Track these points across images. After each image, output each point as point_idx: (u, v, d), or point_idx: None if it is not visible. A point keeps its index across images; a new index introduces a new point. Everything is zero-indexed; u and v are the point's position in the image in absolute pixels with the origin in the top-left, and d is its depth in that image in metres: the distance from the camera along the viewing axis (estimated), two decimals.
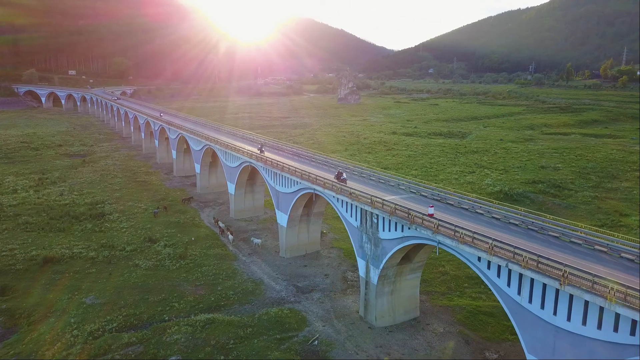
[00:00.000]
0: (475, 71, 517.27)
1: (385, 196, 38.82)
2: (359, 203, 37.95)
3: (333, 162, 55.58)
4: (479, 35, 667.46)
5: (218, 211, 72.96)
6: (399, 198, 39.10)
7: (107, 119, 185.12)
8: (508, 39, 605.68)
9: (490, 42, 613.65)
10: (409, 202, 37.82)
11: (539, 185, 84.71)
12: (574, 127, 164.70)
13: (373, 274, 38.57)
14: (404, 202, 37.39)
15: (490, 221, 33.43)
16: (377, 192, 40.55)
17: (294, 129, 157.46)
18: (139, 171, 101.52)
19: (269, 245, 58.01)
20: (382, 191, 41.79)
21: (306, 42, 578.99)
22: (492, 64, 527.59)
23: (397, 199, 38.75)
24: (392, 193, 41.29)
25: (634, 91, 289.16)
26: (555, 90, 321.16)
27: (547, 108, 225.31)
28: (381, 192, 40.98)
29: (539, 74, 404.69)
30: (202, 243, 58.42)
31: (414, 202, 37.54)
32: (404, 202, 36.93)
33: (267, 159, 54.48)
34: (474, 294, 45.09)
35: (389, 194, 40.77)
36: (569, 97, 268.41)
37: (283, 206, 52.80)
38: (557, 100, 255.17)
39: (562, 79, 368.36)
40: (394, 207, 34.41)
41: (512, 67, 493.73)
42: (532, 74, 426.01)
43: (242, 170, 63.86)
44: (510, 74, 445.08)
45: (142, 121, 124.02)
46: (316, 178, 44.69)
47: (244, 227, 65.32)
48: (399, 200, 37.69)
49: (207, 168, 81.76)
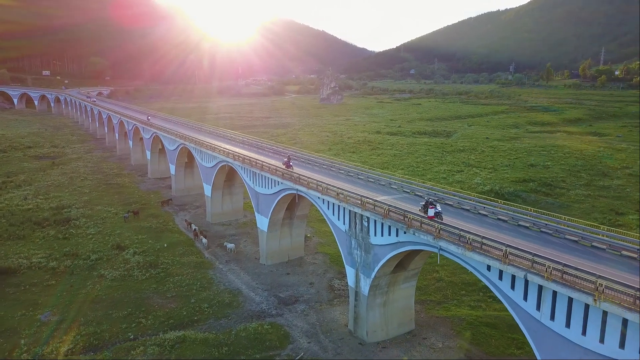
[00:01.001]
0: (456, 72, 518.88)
1: (376, 196, 34.85)
2: (347, 204, 33.88)
3: (317, 161, 51.41)
4: (459, 37, 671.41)
5: (194, 215, 68.16)
6: (391, 198, 35.17)
7: (82, 120, 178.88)
8: (488, 40, 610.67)
9: (470, 43, 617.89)
10: (403, 202, 33.88)
11: (529, 183, 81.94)
12: (558, 126, 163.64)
13: (364, 284, 34.52)
14: (398, 203, 33.44)
15: (496, 223, 29.67)
16: (367, 192, 36.55)
17: (276, 129, 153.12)
18: (111, 173, 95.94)
19: (248, 252, 53.53)
20: (372, 191, 37.81)
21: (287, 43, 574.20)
22: (473, 65, 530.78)
23: (390, 199, 34.83)
24: (383, 193, 37.34)
25: (613, 90, 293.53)
26: (536, 90, 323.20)
27: (530, 107, 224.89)
28: (371, 192, 37.00)
29: (519, 74, 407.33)
30: (176, 250, 53.66)
31: (408, 203, 33.61)
32: (398, 203, 32.97)
33: (245, 156, 50.04)
34: (472, 302, 41.39)
35: (380, 194, 36.80)
36: (550, 97, 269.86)
37: (263, 209, 48.45)
38: (539, 99, 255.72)
39: (543, 78, 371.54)
40: (387, 208, 30.42)
41: (492, 67, 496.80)
42: (513, 74, 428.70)
43: (219, 171, 59.27)
44: (490, 75, 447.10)
45: (116, 121, 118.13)
46: (299, 177, 40.52)
47: (221, 231, 60.68)
48: (392, 201, 33.74)
49: (183, 169, 76.83)
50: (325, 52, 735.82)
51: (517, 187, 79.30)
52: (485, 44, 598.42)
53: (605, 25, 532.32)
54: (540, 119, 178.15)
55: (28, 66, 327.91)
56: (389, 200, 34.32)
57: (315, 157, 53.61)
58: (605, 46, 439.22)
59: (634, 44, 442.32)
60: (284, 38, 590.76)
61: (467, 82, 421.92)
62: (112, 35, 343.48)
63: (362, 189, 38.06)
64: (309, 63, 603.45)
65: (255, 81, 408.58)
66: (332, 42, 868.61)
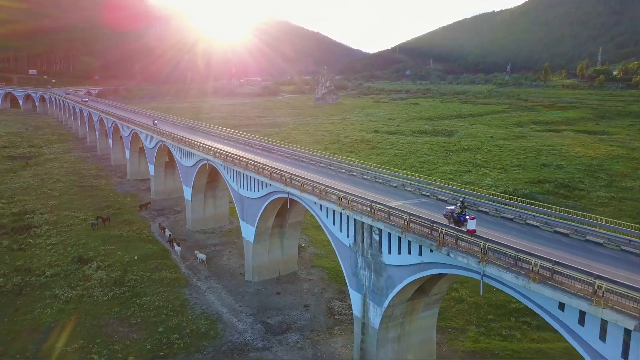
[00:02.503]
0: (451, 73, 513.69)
1: (389, 201, 27.24)
2: (352, 212, 26.28)
3: (314, 158, 43.74)
4: (455, 37, 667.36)
5: (174, 221, 60.30)
6: (409, 204, 27.60)
7: (65, 119, 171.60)
8: (483, 41, 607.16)
9: (465, 43, 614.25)
10: (424, 209, 26.31)
11: (545, 185, 74.86)
12: (562, 125, 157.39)
13: (373, 314, 26.90)
14: (419, 210, 25.87)
15: (554, 238, 22.16)
16: (376, 196, 28.95)
17: (269, 128, 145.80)
18: (87, 175, 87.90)
19: (232, 266, 45.71)
20: (382, 194, 30.23)
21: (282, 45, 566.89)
22: (469, 66, 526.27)
23: (407, 205, 27.24)
24: (397, 197, 29.74)
25: (612, 90, 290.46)
26: (534, 90, 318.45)
27: (531, 106, 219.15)
28: (382, 196, 29.40)
29: (517, 74, 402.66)
30: (147, 263, 45.77)
31: (432, 210, 26.03)
32: (420, 211, 25.39)
33: (227, 153, 42.28)
34: (503, 330, 33.83)
35: (393, 198, 29.21)
36: (549, 96, 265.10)
37: (249, 215, 40.75)
38: (539, 99, 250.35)
39: (540, 79, 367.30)
40: (408, 218, 22.82)
41: (488, 68, 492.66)
42: (510, 74, 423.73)
43: (200, 171, 51.49)
44: (487, 75, 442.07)
45: (96, 118, 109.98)
46: (291, 177, 32.87)
47: (202, 240, 52.83)
48: (411, 208, 26.16)
49: (163, 169, 68.91)
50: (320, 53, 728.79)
51: (533, 189, 72.11)
52: (481, 44, 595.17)
53: (601, 26, 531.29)
54: (543, 118, 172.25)
55: (14, 65, 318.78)
56: (406, 206, 26.75)
57: (310, 153, 45.95)
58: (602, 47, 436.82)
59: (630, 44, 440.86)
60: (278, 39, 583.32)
61: (463, 83, 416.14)
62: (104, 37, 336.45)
63: (369, 192, 30.46)
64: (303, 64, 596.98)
65: (250, 81, 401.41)
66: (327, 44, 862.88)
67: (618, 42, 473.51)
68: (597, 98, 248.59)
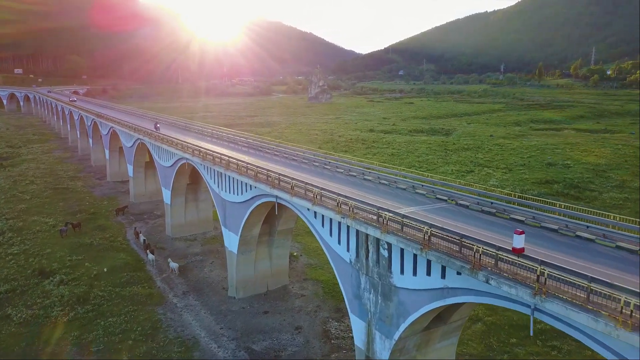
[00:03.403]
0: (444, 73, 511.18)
1: (399, 207, 22.09)
2: (354, 222, 21.09)
3: (307, 156, 38.53)
4: (447, 38, 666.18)
5: (153, 226, 54.81)
6: (423, 211, 22.48)
7: (49, 118, 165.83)
8: (476, 41, 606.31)
9: (458, 44, 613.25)
10: (443, 217, 21.17)
11: (554, 185, 70.26)
12: (562, 123, 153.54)
13: (380, 347, 21.74)
14: (438, 219, 20.73)
15: (623, 257, 17.03)
16: (382, 201, 23.80)
17: (261, 127, 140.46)
18: (64, 176, 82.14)
19: (214, 279, 40.35)
20: (389, 198, 25.11)
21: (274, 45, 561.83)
22: (462, 66, 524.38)
23: (421, 212, 22.11)
24: (407, 201, 24.61)
25: (607, 89, 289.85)
26: (528, 89, 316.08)
27: (527, 105, 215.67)
28: (389, 200, 24.26)
29: (511, 74, 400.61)
30: (118, 276, 40.30)
31: (454, 219, 20.91)
32: (439, 220, 20.25)
33: (207, 151, 36.96)
34: (530, 356, 28.78)
35: (402, 203, 24.07)
36: (545, 96, 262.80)
37: (232, 222, 35.46)
38: (535, 98, 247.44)
39: (534, 78, 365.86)
40: (430, 231, 17.65)
41: (481, 68, 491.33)
42: (503, 74, 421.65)
43: (180, 171, 46.09)
44: (480, 75, 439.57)
45: (77, 117, 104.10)
46: (279, 178, 27.63)
47: (182, 249, 47.38)
48: (427, 217, 21.02)
49: (143, 170, 63.45)
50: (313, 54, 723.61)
51: (541, 190, 67.37)
52: (473, 44, 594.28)
53: (593, 26, 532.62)
54: (541, 117, 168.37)
55: None
56: (421, 214, 21.62)
57: (303, 151, 40.72)
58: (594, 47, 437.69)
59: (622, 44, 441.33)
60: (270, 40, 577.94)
61: (457, 83, 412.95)
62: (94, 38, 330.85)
63: (373, 196, 25.30)
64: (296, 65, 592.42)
65: (242, 81, 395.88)
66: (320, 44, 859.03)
67: (611, 42, 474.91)
68: (592, 97, 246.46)
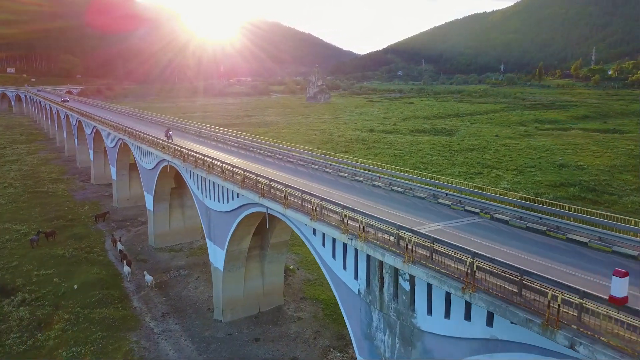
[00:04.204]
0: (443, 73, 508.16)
1: (421, 224, 17.22)
2: (366, 244, 16.19)
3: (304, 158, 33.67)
4: (446, 38, 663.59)
5: (135, 234, 49.84)
6: (451, 228, 17.63)
7: (39, 118, 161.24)
8: (475, 41, 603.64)
9: (457, 44, 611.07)
10: (478, 238, 16.31)
11: (569, 188, 65.57)
12: (567, 123, 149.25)
13: None
14: (472, 239, 15.88)
15: None
16: (398, 214, 18.91)
17: (258, 127, 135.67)
18: (47, 179, 77.13)
19: (198, 298, 35.41)
20: (406, 210, 20.21)
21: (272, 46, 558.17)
22: (461, 66, 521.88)
23: (449, 230, 17.25)
24: (429, 215, 19.72)
25: (608, 89, 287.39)
26: (529, 89, 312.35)
27: (530, 105, 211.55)
28: (406, 214, 19.37)
29: (511, 74, 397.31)
30: (89, 295, 35.33)
31: (492, 241, 16.06)
32: (473, 240, 15.39)
33: (188, 152, 32.03)
34: None
35: (423, 217, 19.19)
36: (546, 95, 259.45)
37: (217, 235, 30.57)
38: (537, 98, 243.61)
39: (535, 78, 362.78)
40: (475, 263, 12.74)
41: (480, 68, 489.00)
42: (503, 74, 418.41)
43: (163, 174, 41.18)
44: (479, 75, 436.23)
45: (63, 116, 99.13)
46: (270, 185, 22.74)
47: (165, 261, 42.43)
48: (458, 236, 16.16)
49: (127, 172, 58.53)
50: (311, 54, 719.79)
51: (557, 193, 62.65)
52: (472, 45, 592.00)
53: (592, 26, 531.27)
54: (545, 117, 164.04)
55: None
56: (450, 232, 16.76)
57: (300, 151, 35.85)
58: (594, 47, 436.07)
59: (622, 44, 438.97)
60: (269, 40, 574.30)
61: (456, 83, 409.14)
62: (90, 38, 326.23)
63: (386, 207, 20.43)
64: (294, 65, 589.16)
65: (239, 81, 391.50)
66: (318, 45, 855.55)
67: (610, 42, 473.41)
68: (595, 97, 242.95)
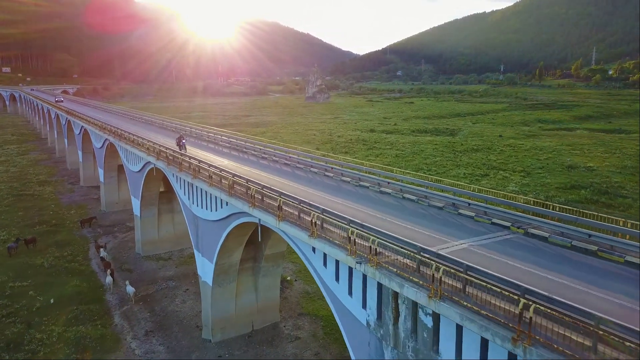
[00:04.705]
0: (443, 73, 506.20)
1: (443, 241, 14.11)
2: (377, 270, 13.08)
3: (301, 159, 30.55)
4: (446, 38, 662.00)
5: (122, 241, 46.66)
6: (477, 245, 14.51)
7: (32, 118, 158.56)
8: (475, 41, 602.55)
9: (457, 44, 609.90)
10: (515, 261, 13.21)
11: (581, 191, 62.56)
12: (570, 123, 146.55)
13: None
14: (506, 262, 12.77)
15: None
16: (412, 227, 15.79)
17: (255, 127, 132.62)
18: (34, 181, 73.96)
19: (186, 313, 32.23)
20: (423, 224, 17.07)
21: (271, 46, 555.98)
22: (460, 66, 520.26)
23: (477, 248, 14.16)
24: (451, 229, 16.61)
25: (610, 89, 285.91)
26: (529, 89, 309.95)
27: (532, 105, 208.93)
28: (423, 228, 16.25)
29: (511, 74, 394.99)
30: (66, 310, 32.15)
31: (532, 264, 12.96)
32: (509, 264, 12.29)
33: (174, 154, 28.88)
34: None
35: (444, 232, 16.07)
36: (547, 95, 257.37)
37: (206, 245, 27.45)
38: (538, 98, 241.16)
39: (535, 78, 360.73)
40: (530, 305, 9.63)
41: (479, 68, 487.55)
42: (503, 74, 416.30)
43: (149, 177, 38.04)
44: (479, 75, 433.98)
45: (54, 115, 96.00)
46: (262, 193, 19.59)
47: (153, 271, 39.28)
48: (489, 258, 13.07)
49: (115, 175, 55.37)
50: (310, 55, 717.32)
51: (568, 197, 59.65)
52: (472, 45, 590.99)
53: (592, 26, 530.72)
54: (549, 117, 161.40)
55: None
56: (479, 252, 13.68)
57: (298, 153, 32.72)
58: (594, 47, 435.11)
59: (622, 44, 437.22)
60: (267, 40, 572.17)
61: (456, 83, 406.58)
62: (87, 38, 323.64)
63: (398, 219, 17.30)
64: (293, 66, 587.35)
65: (237, 81, 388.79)
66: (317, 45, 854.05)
67: (610, 42, 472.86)
68: (596, 97, 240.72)
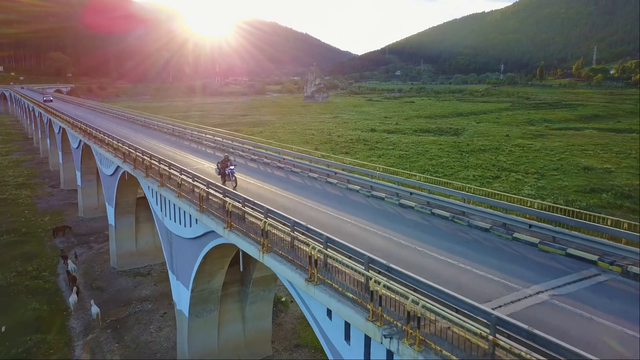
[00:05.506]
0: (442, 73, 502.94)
1: (508, 287, 9.14)
2: (421, 353, 8.14)
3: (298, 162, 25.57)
4: (445, 38, 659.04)
5: (97, 253, 41.57)
6: (559, 297, 9.62)
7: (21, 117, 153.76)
8: (474, 41, 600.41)
9: (456, 44, 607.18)
10: (628, 329, 8.29)
11: (602, 195, 57.65)
12: (578, 122, 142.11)
13: None
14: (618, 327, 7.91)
15: None
16: (453, 262, 10.83)
17: (252, 127, 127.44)
18: (11, 183, 68.89)
19: (161, 344, 27.17)
20: (462, 254, 12.12)
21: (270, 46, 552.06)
22: (459, 66, 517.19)
23: (559, 301, 9.25)
24: (509, 265, 11.65)
25: (612, 89, 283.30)
26: (530, 89, 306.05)
27: (535, 104, 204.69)
28: (466, 261, 11.27)
29: (512, 74, 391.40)
30: (19, 341, 27.07)
31: None
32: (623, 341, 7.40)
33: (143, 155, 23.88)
34: None
35: (500, 271, 11.10)
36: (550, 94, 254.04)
37: (181, 267, 22.46)
38: (541, 97, 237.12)
39: (535, 78, 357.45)
40: None
41: (479, 68, 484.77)
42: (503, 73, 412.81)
43: (123, 182, 32.94)
44: (479, 75, 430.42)
45: (37, 114, 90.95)
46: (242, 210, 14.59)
47: (128, 289, 34.17)
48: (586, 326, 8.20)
49: (94, 178, 50.41)
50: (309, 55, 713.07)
51: (589, 201, 54.76)
52: (471, 45, 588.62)
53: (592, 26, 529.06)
54: (554, 116, 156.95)
55: None
56: (563, 307, 8.80)
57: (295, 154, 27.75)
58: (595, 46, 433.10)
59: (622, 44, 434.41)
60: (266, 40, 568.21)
61: (455, 83, 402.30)
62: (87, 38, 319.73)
63: (430, 249, 12.35)
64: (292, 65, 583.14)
65: (235, 80, 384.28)
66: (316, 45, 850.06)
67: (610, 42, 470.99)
68: (599, 97, 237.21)
